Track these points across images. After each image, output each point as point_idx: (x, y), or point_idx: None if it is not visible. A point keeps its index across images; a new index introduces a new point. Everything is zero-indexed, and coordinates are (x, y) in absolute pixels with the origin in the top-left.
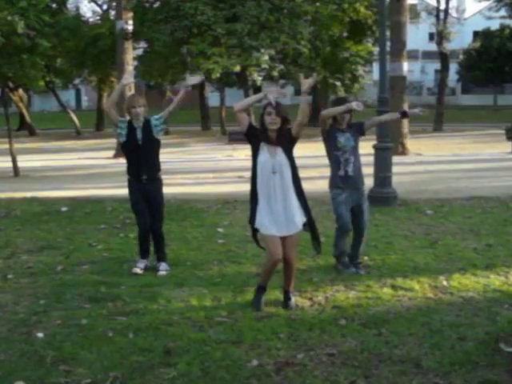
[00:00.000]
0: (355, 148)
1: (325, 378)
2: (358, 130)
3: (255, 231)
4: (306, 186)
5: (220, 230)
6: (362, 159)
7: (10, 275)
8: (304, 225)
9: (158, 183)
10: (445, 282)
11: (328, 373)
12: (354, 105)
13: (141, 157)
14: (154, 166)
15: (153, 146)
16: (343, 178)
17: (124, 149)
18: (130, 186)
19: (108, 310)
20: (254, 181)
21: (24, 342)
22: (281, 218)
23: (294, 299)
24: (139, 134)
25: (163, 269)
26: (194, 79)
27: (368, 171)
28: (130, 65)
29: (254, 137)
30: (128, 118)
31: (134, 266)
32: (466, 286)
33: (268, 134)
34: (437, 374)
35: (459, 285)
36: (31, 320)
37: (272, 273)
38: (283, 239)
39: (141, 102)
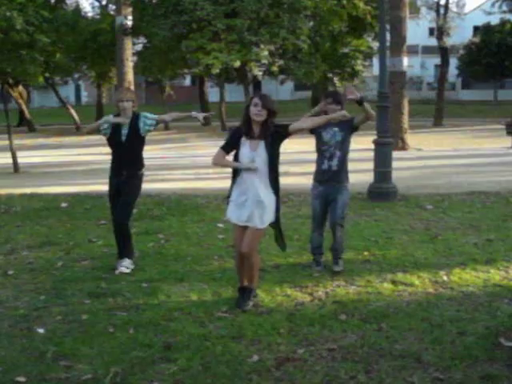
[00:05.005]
0: (342, 143)
1: (325, 373)
2: (349, 126)
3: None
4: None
5: (220, 225)
6: (362, 154)
7: (10, 271)
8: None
9: (137, 180)
10: (445, 277)
11: (328, 368)
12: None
13: (123, 153)
14: (136, 163)
15: (136, 143)
16: (325, 172)
17: (108, 144)
18: (109, 181)
19: (108, 306)
20: (234, 174)
21: (25, 338)
22: (247, 209)
23: (252, 303)
24: (124, 130)
25: (124, 265)
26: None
27: (368, 166)
28: (130, 60)
29: (235, 138)
30: (116, 112)
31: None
32: (466, 280)
33: (251, 127)
34: (437, 368)
35: (459, 279)
36: (32, 316)
37: (238, 266)
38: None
39: (129, 96)
